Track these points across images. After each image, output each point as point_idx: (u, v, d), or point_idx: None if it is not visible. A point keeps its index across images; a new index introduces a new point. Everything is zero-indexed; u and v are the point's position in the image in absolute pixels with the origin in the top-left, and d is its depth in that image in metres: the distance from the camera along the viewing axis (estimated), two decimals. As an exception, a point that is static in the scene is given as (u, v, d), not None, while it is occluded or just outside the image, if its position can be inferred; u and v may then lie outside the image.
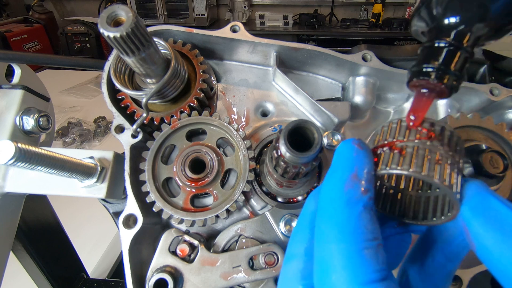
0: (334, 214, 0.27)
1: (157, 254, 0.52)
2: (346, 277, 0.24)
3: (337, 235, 0.26)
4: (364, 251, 0.25)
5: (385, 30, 4.37)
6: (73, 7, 5.10)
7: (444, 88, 0.30)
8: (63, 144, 2.01)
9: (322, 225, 0.27)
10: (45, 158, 0.45)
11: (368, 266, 0.24)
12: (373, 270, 0.24)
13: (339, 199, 0.27)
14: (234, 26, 0.60)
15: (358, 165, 0.28)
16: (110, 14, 0.39)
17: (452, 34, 0.30)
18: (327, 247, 0.26)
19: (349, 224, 0.26)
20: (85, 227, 1.46)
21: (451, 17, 0.30)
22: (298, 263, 0.31)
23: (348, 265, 0.24)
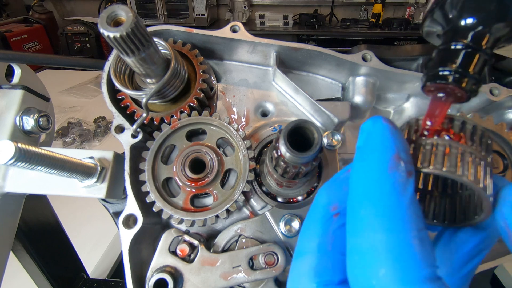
0: (380, 199, 0.23)
1: (157, 254, 0.52)
2: (397, 273, 0.21)
3: (384, 224, 0.22)
4: (415, 242, 0.22)
5: (385, 30, 4.37)
6: (73, 7, 5.10)
7: (462, 92, 0.28)
8: (63, 144, 2.01)
9: (361, 212, 0.24)
10: (45, 158, 0.45)
11: (421, 259, 0.21)
12: (426, 264, 0.21)
13: (384, 182, 0.23)
14: (234, 26, 0.60)
15: (398, 145, 0.25)
16: (110, 14, 0.39)
17: (470, 35, 0.28)
18: (371, 238, 0.22)
19: (399, 210, 0.22)
20: (85, 227, 1.46)
21: (468, 18, 0.28)
22: (311, 259, 0.29)
23: (399, 257, 0.21)
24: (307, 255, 0.29)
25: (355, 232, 0.24)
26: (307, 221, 0.32)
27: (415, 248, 0.21)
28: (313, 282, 0.27)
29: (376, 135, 0.26)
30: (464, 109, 0.68)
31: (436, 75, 0.29)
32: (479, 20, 0.28)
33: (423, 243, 0.22)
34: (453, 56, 0.29)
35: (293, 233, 0.53)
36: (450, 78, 0.28)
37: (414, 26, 4.38)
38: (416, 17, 4.47)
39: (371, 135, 0.26)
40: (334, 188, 0.31)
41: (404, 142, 0.25)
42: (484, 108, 0.66)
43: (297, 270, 0.30)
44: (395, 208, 0.22)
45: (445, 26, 0.31)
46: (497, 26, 0.27)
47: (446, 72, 0.28)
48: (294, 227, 0.53)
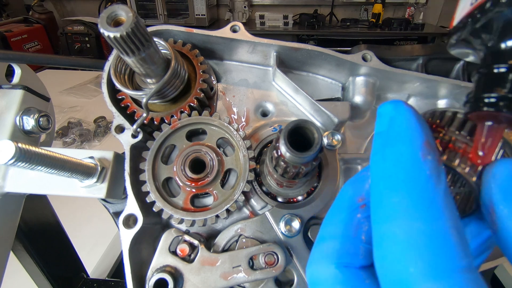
0: (415, 188, 0.22)
1: (157, 254, 0.52)
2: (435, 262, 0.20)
3: (422, 212, 0.21)
4: (453, 232, 0.21)
5: (385, 30, 4.37)
6: (73, 7, 5.11)
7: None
8: (63, 144, 2.01)
9: (394, 200, 0.23)
10: (45, 158, 0.45)
11: (459, 250, 0.21)
12: (464, 255, 0.21)
13: (419, 169, 0.22)
14: (234, 26, 0.60)
15: (426, 132, 0.24)
16: (110, 14, 0.39)
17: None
18: (406, 226, 0.22)
19: (437, 199, 0.22)
20: (85, 227, 1.46)
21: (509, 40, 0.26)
22: (334, 243, 0.28)
23: (438, 247, 0.21)
24: (330, 240, 0.29)
25: (386, 220, 0.23)
26: (331, 211, 0.32)
27: (453, 238, 0.21)
28: (332, 263, 0.27)
29: (401, 120, 0.24)
30: (464, 109, 0.68)
31: (482, 102, 0.27)
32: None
33: (460, 233, 0.21)
34: (499, 80, 0.26)
35: (293, 233, 0.53)
36: (501, 104, 0.26)
37: (414, 26, 4.38)
38: (416, 17, 4.48)
39: (395, 120, 0.25)
40: (359, 182, 0.31)
41: (430, 131, 0.24)
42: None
43: (318, 252, 0.30)
44: (432, 197, 0.22)
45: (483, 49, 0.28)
46: None
47: (492, 99, 0.26)
48: (294, 227, 0.53)
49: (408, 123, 0.24)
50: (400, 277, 0.21)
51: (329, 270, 0.27)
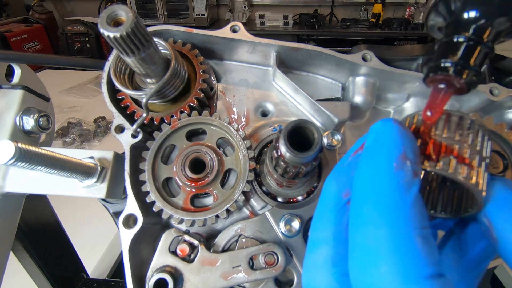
0: (384, 197, 0.23)
1: (157, 254, 0.52)
2: (400, 269, 0.21)
3: (387, 220, 0.22)
4: (418, 240, 0.22)
5: (385, 30, 4.37)
6: (73, 7, 5.10)
7: (463, 83, 0.28)
8: (63, 144, 2.01)
9: (365, 208, 0.24)
10: (45, 158, 0.45)
11: (424, 257, 0.21)
12: (430, 262, 0.21)
13: (389, 180, 0.23)
14: (234, 26, 0.60)
15: (405, 145, 0.25)
16: (110, 14, 0.39)
17: (472, 28, 0.28)
18: (373, 234, 0.22)
19: (403, 208, 0.22)
20: (85, 227, 1.46)
21: (470, 11, 0.29)
22: (327, 249, 0.28)
23: (402, 254, 0.21)
24: (322, 245, 0.29)
25: (357, 228, 0.24)
26: (318, 211, 0.31)
27: (418, 245, 0.21)
28: (330, 273, 0.27)
29: (384, 135, 0.26)
30: (464, 109, 0.68)
31: (437, 66, 0.30)
32: (482, 13, 0.28)
33: (427, 241, 0.22)
34: (454, 49, 0.29)
35: (293, 233, 0.53)
36: (451, 69, 0.28)
37: (414, 26, 4.38)
38: (416, 17, 4.47)
39: (380, 136, 0.26)
40: (342, 175, 0.30)
41: (413, 143, 0.25)
42: (484, 108, 0.66)
43: (313, 261, 0.29)
44: (398, 205, 0.23)
45: (448, 18, 0.31)
46: (499, 20, 0.28)
47: (447, 63, 0.29)
48: (294, 227, 0.53)
49: (389, 138, 0.26)
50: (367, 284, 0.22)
51: (326, 280, 0.27)
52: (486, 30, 0.28)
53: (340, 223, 0.28)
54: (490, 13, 0.28)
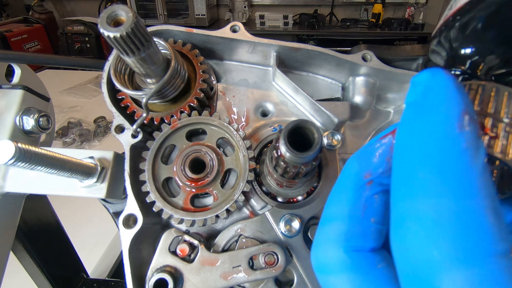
0: (448, 160, 0.19)
1: (157, 254, 0.52)
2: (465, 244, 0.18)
3: (454, 188, 0.19)
4: (489, 212, 0.18)
5: (385, 30, 4.37)
6: (73, 7, 5.11)
7: None
8: (63, 144, 2.01)
9: (422, 174, 0.20)
10: (45, 158, 0.45)
11: (495, 232, 0.18)
12: (500, 238, 0.18)
13: (453, 141, 0.19)
14: (234, 26, 0.60)
15: (466, 102, 0.20)
16: (110, 14, 0.39)
17: (468, 63, 0.32)
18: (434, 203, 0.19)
19: (473, 174, 0.19)
20: (85, 227, 1.46)
21: (466, 48, 0.33)
22: (340, 225, 0.26)
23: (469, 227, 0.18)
24: (336, 221, 0.27)
25: (410, 196, 0.20)
26: (336, 188, 0.29)
27: (488, 219, 0.18)
28: (340, 247, 0.25)
29: (438, 88, 0.21)
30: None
31: None
32: (475, 51, 0.32)
33: (497, 214, 0.19)
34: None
35: (293, 233, 0.53)
36: None
37: (414, 26, 4.38)
38: (416, 17, 4.48)
39: (431, 89, 0.21)
40: (366, 156, 0.28)
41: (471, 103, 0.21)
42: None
43: (324, 235, 0.27)
44: (467, 172, 0.19)
45: (449, 52, 0.35)
46: (490, 57, 0.32)
47: None
48: (294, 227, 0.53)
49: (445, 91, 0.21)
50: (422, 262, 0.19)
51: (337, 255, 0.25)
52: (479, 65, 0.32)
53: (357, 201, 0.27)
54: (483, 51, 0.32)
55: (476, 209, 0.18)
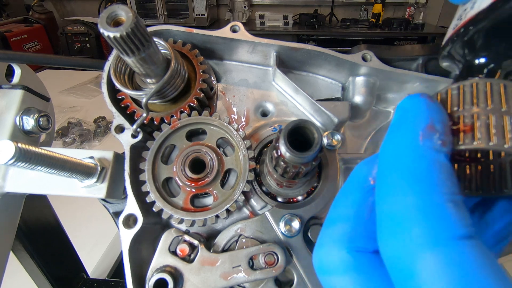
0: (410, 164, 0.23)
1: (157, 254, 0.52)
2: (430, 231, 0.20)
3: (415, 187, 0.22)
4: (449, 204, 0.21)
5: (385, 30, 4.37)
6: (73, 7, 5.11)
7: None
8: (63, 144, 2.01)
9: (391, 178, 0.24)
10: (45, 158, 0.45)
11: (455, 219, 0.21)
12: (461, 224, 0.21)
13: (415, 149, 0.23)
14: (234, 26, 0.60)
15: (433, 117, 0.25)
16: (110, 14, 0.39)
17: (484, 71, 0.32)
18: (401, 201, 0.22)
19: (431, 174, 0.22)
20: (85, 227, 1.46)
21: (480, 58, 0.33)
22: (345, 226, 0.28)
23: (431, 217, 0.21)
24: (341, 222, 0.28)
25: (384, 197, 0.24)
26: (343, 190, 0.31)
27: (448, 209, 0.21)
28: (344, 248, 0.26)
29: (409, 109, 0.26)
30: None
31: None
32: (490, 59, 0.32)
33: (457, 206, 0.21)
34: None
35: (293, 233, 0.53)
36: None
37: (414, 26, 4.38)
38: (416, 17, 4.48)
39: (406, 110, 0.26)
40: (374, 162, 0.30)
41: (442, 114, 0.25)
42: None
43: (328, 235, 0.28)
44: (427, 172, 0.23)
45: (463, 62, 0.36)
46: (506, 62, 0.31)
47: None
48: (294, 227, 0.53)
49: (416, 110, 0.25)
50: (399, 253, 0.22)
51: (340, 255, 0.26)
52: (496, 72, 0.32)
53: (363, 203, 0.28)
54: (498, 58, 0.32)
55: (435, 203, 0.21)
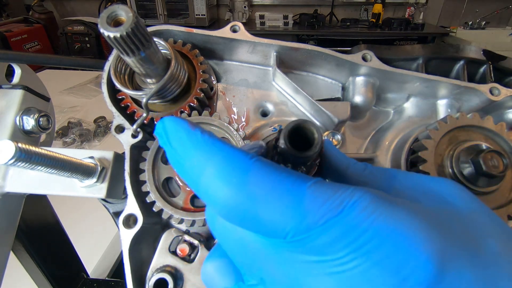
0: (186, 140, 0.28)
1: (157, 254, 0.52)
2: (224, 165, 0.25)
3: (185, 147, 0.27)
4: (234, 149, 0.27)
5: (385, 30, 4.37)
6: (73, 7, 5.11)
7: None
8: (63, 144, 2.01)
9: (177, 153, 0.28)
10: (45, 158, 0.45)
11: (235, 149, 0.26)
12: (243, 152, 0.26)
13: (192, 133, 0.28)
14: (234, 26, 0.60)
15: (185, 121, 0.30)
16: (110, 14, 0.39)
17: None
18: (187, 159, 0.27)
19: (215, 143, 0.27)
20: (85, 227, 1.46)
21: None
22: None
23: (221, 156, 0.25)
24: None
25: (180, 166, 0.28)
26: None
27: (224, 146, 0.26)
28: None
29: (168, 125, 0.31)
30: (464, 109, 0.68)
31: None
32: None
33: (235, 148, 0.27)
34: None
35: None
36: None
37: (414, 26, 4.38)
38: (416, 17, 4.48)
39: (167, 128, 0.31)
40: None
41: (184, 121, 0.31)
42: (484, 108, 0.66)
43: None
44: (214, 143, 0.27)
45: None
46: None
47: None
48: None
49: (170, 122, 0.31)
50: (203, 188, 0.26)
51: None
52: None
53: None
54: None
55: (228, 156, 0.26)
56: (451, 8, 4.72)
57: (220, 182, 0.24)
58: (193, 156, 0.26)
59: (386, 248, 0.21)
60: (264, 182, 0.24)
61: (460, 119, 0.52)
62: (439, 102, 0.68)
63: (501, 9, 4.49)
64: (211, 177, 0.25)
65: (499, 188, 0.51)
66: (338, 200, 0.23)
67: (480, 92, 0.62)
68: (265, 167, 0.25)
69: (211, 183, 0.25)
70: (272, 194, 0.23)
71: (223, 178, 0.24)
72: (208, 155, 0.26)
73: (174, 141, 0.29)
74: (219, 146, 0.26)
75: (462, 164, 0.50)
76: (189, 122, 0.29)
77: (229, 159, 0.25)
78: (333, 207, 0.22)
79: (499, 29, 4.63)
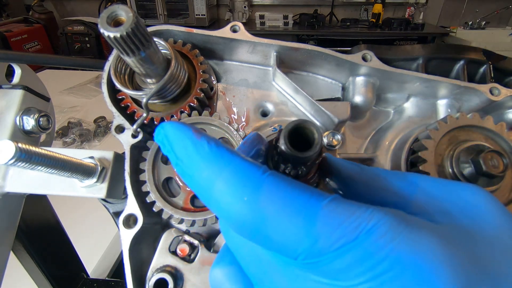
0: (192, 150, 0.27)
1: (157, 254, 0.52)
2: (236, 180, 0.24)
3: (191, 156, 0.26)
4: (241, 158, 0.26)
5: (385, 30, 4.37)
6: (73, 7, 5.11)
7: None
8: (63, 144, 2.01)
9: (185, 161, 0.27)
10: (45, 158, 0.45)
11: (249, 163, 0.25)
12: (256, 166, 0.26)
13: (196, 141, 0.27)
14: (234, 26, 0.60)
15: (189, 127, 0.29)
16: (110, 14, 0.39)
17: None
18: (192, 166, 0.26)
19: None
20: (85, 227, 1.46)
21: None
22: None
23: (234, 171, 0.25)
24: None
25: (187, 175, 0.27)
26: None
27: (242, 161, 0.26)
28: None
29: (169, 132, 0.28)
30: (464, 109, 0.68)
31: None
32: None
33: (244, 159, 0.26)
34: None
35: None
36: None
37: (414, 26, 4.38)
38: (416, 17, 4.48)
39: (167, 134, 0.28)
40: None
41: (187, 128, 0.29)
42: (484, 108, 0.66)
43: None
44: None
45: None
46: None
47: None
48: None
49: (172, 129, 0.28)
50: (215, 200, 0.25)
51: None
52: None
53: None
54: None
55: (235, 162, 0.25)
56: (451, 8, 4.73)
57: (231, 199, 0.23)
58: (201, 170, 0.25)
59: (406, 279, 0.20)
60: (276, 200, 0.23)
61: (460, 119, 0.52)
62: (439, 102, 0.68)
63: (501, 9, 4.49)
64: (222, 193, 0.24)
65: (499, 188, 0.51)
66: (355, 222, 0.21)
67: (480, 92, 0.62)
68: (277, 182, 0.24)
69: (222, 198, 0.24)
70: (284, 213, 0.22)
71: (234, 195, 0.23)
72: (217, 169, 0.25)
73: (179, 152, 0.27)
74: (228, 158, 0.25)
75: (462, 164, 0.50)
76: (193, 129, 0.28)
77: (240, 173, 0.24)
78: (349, 230, 0.21)
79: (499, 29, 4.63)
